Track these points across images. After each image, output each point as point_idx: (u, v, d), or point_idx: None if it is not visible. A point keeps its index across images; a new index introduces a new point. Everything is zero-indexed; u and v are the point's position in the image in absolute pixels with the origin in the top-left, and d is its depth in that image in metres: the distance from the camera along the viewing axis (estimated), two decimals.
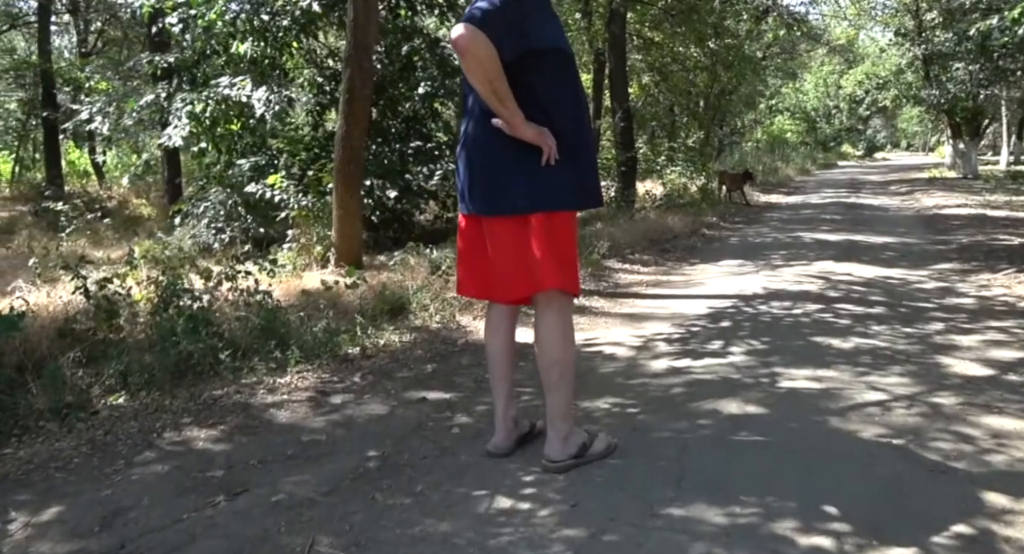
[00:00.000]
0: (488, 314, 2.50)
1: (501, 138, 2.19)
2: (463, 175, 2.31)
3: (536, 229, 2.21)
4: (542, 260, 2.21)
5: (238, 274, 4.21)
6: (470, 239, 2.39)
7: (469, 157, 2.28)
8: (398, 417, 2.91)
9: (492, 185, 2.23)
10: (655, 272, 6.38)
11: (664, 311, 4.70)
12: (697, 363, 3.49)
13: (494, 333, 2.47)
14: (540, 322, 2.32)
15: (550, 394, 2.33)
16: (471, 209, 2.32)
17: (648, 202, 11.52)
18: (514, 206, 2.21)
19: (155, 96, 7.42)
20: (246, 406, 3.06)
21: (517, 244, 2.24)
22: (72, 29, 19.66)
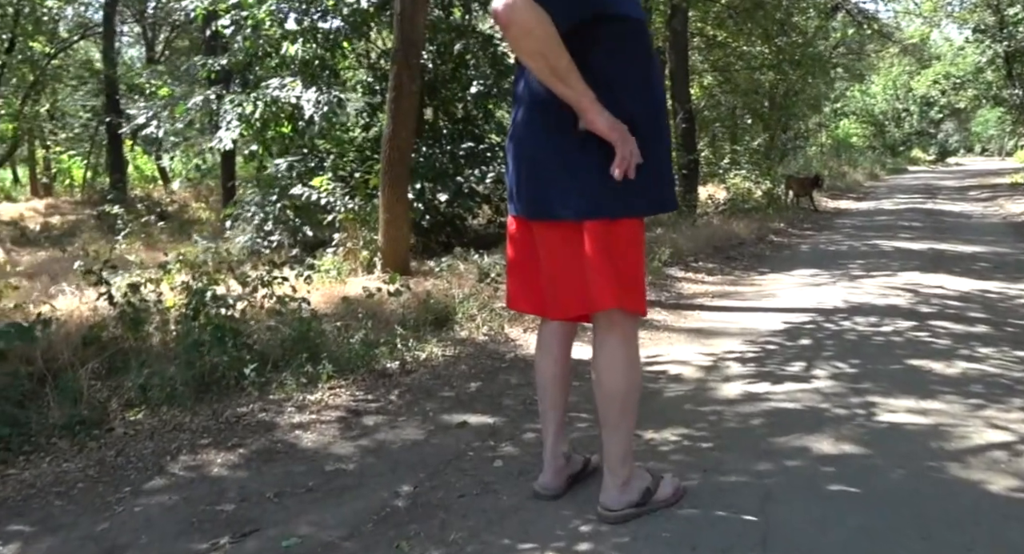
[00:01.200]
0: (540, 331, 2.15)
1: (555, 128, 1.83)
2: (511, 171, 1.97)
3: (592, 238, 1.84)
4: (599, 274, 1.84)
5: (274, 280, 3.96)
6: (521, 245, 2.04)
7: (517, 150, 1.93)
8: (435, 445, 2.58)
9: (539, 183, 1.88)
10: (721, 281, 5.92)
11: (734, 326, 4.27)
12: (777, 389, 3.06)
13: (546, 354, 2.12)
14: (600, 347, 1.95)
15: (608, 432, 1.96)
16: (519, 210, 1.98)
17: (710, 207, 11.00)
18: (563, 210, 1.84)
19: (204, 99, 7.33)
20: (270, 426, 2.78)
21: (571, 254, 1.88)
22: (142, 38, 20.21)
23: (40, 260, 8.22)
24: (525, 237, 2.01)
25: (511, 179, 1.97)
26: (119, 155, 14.90)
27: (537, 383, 2.14)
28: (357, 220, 6.21)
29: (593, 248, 1.84)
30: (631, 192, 1.83)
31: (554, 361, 2.10)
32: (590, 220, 1.83)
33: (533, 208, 1.91)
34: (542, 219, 1.90)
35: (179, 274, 4.20)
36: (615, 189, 1.82)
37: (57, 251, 8.29)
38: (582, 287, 1.88)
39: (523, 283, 2.06)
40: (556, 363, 2.10)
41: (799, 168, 18.09)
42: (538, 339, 2.14)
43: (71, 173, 22.75)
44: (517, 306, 2.12)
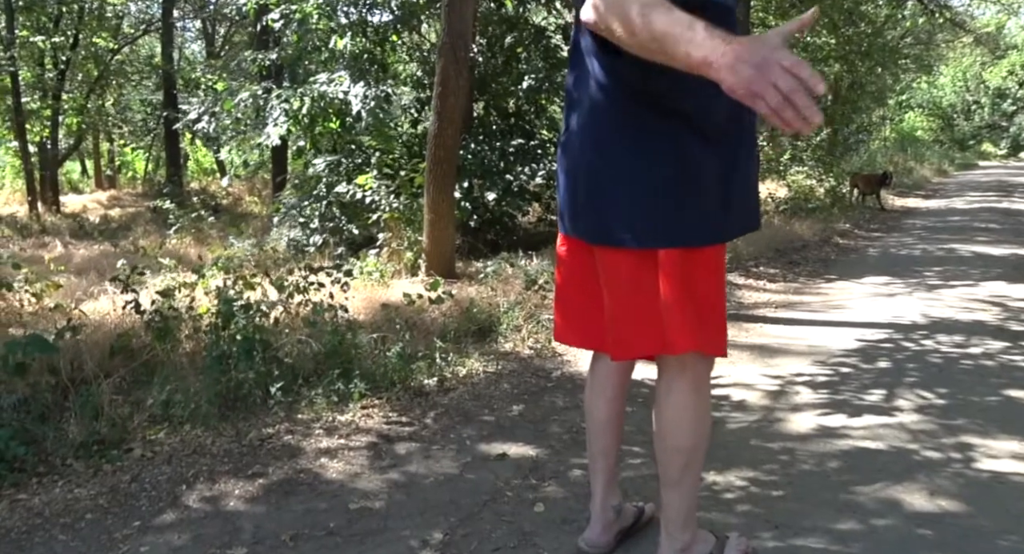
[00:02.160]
0: (593, 368, 1.87)
1: (622, 136, 1.54)
2: (564, 185, 1.69)
3: (668, 268, 1.55)
4: (675, 311, 1.56)
5: (311, 286, 3.78)
6: (573, 269, 1.77)
7: (572, 162, 1.64)
8: (470, 481, 2.34)
9: (601, 203, 1.58)
10: (784, 289, 5.54)
11: (800, 342, 3.92)
12: (855, 423, 2.72)
13: (598, 395, 1.85)
14: (666, 393, 1.67)
15: (668, 490, 1.68)
16: (573, 231, 1.70)
17: (770, 205, 10.51)
18: (630, 236, 1.56)
19: (250, 94, 7.25)
20: (295, 451, 2.59)
21: (641, 284, 1.59)
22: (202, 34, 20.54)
23: (93, 254, 8.29)
24: (579, 260, 1.73)
25: (564, 195, 1.69)
26: (176, 149, 15.12)
27: (588, 426, 1.88)
28: (402, 220, 6.02)
29: (669, 280, 1.56)
30: (709, 217, 1.56)
31: (607, 402, 1.84)
32: (666, 249, 1.55)
33: (594, 232, 1.62)
34: (605, 245, 1.61)
35: (215, 277, 4.07)
36: (690, 214, 1.54)
37: (110, 246, 8.36)
38: (654, 324, 1.59)
39: (575, 313, 1.78)
40: (610, 405, 1.84)
41: (862, 164, 17.29)
42: (590, 377, 1.87)
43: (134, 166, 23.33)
44: (566, 339, 1.84)
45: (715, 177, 1.55)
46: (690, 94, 1.46)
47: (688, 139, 1.51)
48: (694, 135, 1.51)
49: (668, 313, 1.56)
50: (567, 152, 1.66)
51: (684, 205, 1.53)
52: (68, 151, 17.83)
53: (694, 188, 1.54)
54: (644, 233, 1.54)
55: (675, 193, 1.52)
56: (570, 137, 1.65)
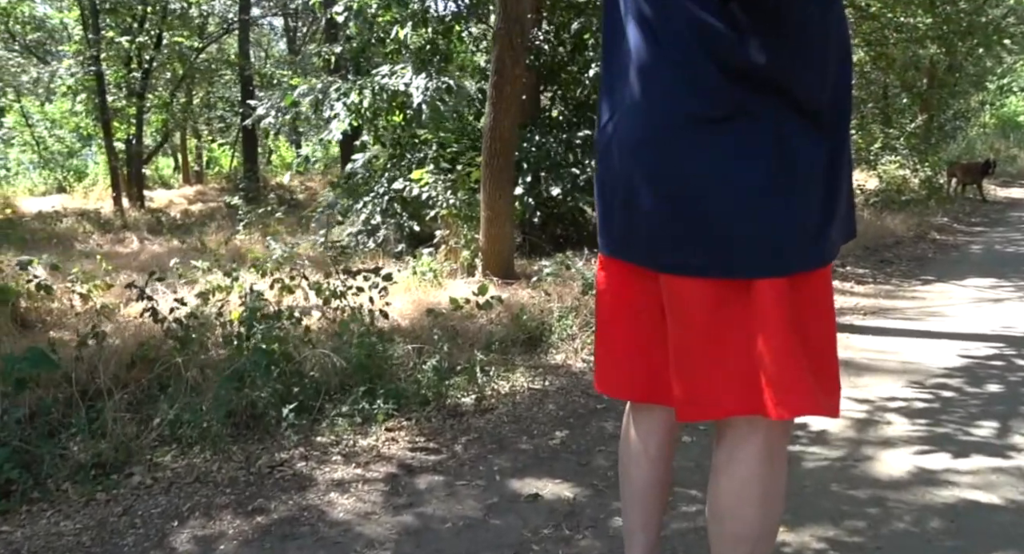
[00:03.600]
0: (633, 416, 1.50)
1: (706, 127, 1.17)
2: (608, 192, 1.33)
3: (770, 302, 1.19)
4: (783, 361, 1.19)
5: (348, 290, 3.55)
6: (621, 301, 1.38)
7: (626, 161, 1.26)
8: (493, 529, 2.03)
9: (675, 217, 1.21)
10: (874, 292, 4.98)
11: (892, 358, 3.42)
12: (961, 466, 2.26)
13: (639, 454, 1.47)
14: (726, 463, 1.30)
15: None
16: (626, 254, 1.33)
17: (859, 198, 9.74)
18: (720, 262, 1.20)
19: (308, 88, 7.13)
20: (306, 482, 2.34)
21: (728, 326, 1.22)
22: None
23: (161, 251, 8.40)
24: (631, 289, 1.36)
25: (609, 206, 1.33)
26: (252, 144, 15.39)
27: (622, 492, 1.52)
28: (459, 217, 5.76)
29: (773, 320, 1.19)
30: (824, 224, 1.22)
31: (651, 463, 1.47)
32: (775, 277, 1.19)
33: (662, 256, 1.25)
34: (679, 274, 1.24)
35: (256, 280, 3.89)
36: (806, 222, 1.20)
37: (178, 242, 8.45)
38: (745, 378, 1.22)
39: (623, 356, 1.40)
40: (654, 466, 1.47)
41: (960, 152, 16.02)
42: (627, 426, 1.51)
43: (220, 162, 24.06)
44: (612, 388, 1.45)
45: (822, 177, 1.21)
46: (798, 66, 1.16)
47: (793, 127, 1.17)
48: (800, 121, 1.17)
49: (773, 365, 1.20)
50: (614, 148, 1.30)
51: (793, 216, 1.18)
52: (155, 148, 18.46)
53: (802, 192, 1.19)
54: (740, 257, 1.18)
55: (781, 201, 1.17)
56: (618, 129, 1.29)
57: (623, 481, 1.51)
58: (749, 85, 1.15)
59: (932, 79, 14.86)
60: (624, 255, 1.34)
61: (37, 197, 16.13)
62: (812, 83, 1.18)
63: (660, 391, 1.37)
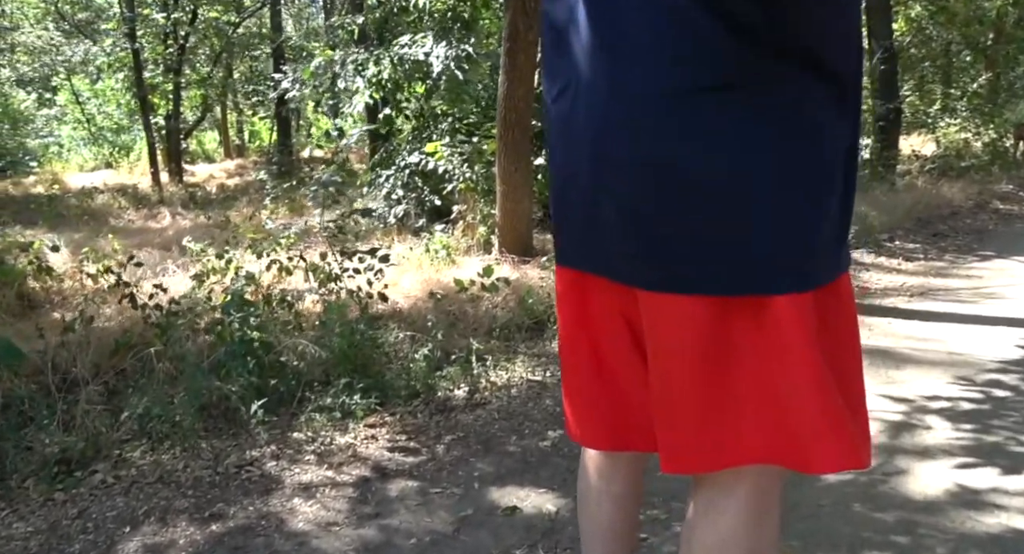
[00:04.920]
0: (595, 463, 1.22)
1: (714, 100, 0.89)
2: (570, 186, 1.04)
3: (789, 321, 0.92)
4: (808, 397, 0.94)
5: (344, 272, 3.35)
6: (588, 324, 1.10)
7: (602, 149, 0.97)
8: (460, 547, 1.81)
9: (669, 219, 0.93)
10: (924, 270, 4.57)
11: (939, 347, 3.07)
12: (1013, 484, 1.94)
13: (601, 490, 1.22)
14: (703, 514, 1.04)
15: None
16: (595, 266, 1.05)
17: (915, 165, 9.13)
18: (728, 274, 0.93)
19: (324, 60, 6.91)
20: (272, 485, 2.15)
21: (735, 356, 0.95)
22: None
23: (192, 226, 8.36)
24: (597, 311, 1.08)
25: (570, 203, 1.05)
26: (285, 118, 15.31)
27: (582, 536, 1.26)
28: (475, 191, 5.50)
29: (803, 343, 0.92)
30: (847, 224, 1.01)
31: (614, 502, 1.21)
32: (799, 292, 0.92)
33: (652, 268, 0.96)
34: (676, 291, 0.95)
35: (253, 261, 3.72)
36: (833, 223, 0.97)
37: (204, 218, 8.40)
38: (761, 419, 0.96)
39: (595, 395, 1.12)
40: (618, 506, 1.22)
41: None
42: (586, 459, 1.25)
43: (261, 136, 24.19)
44: (585, 437, 1.17)
45: (843, 163, 0.96)
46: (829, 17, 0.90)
47: (819, 98, 0.91)
48: (828, 91, 0.92)
49: (803, 404, 0.94)
50: (572, 129, 1.01)
51: (817, 211, 0.93)
52: (195, 123, 18.57)
53: (828, 181, 0.94)
54: (753, 266, 0.92)
55: (803, 193, 0.91)
56: (577, 103, 1.00)
57: (582, 522, 1.27)
58: (763, 43, 0.86)
59: (999, 34, 13.84)
60: (588, 265, 1.05)
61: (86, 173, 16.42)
62: (843, 41, 0.92)
63: (638, 437, 1.10)
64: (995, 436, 2.20)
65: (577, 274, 1.08)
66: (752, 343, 0.94)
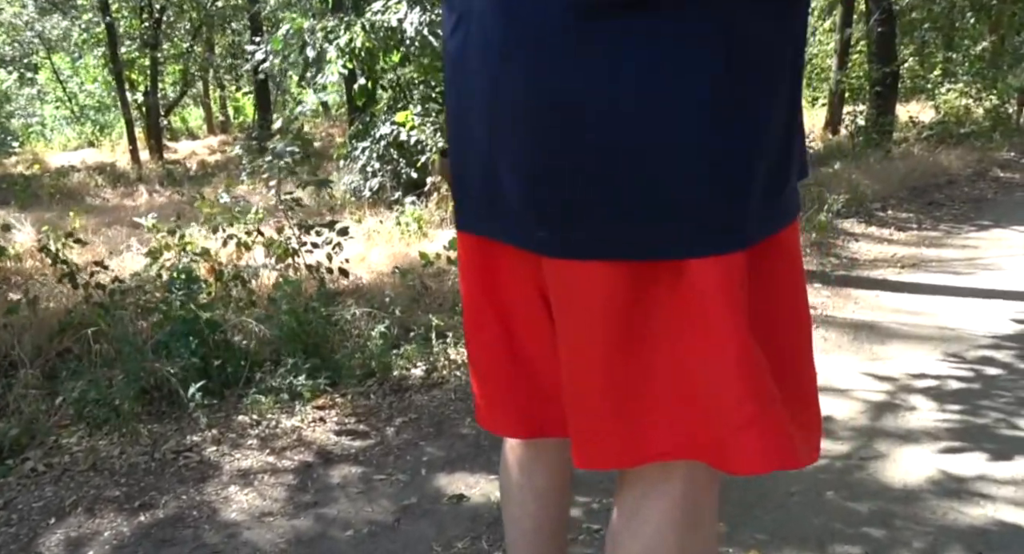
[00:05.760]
0: (516, 454, 1.07)
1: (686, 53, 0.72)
2: (466, 136, 0.87)
3: (722, 288, 0.76)
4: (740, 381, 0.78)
5: (302, 247, 3.18)
6: (491, 296, 0.93)
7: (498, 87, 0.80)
8: (399, 540, 1.67)
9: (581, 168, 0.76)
10: (917, 241, 4.40)
11: (929, 322, 2.91)
12: (1001, 471, 1.78)
13: (524, 485, 1.06)
14: (628, 519, 0.88)
15: None
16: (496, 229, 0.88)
17: (912, 132, 8.91)
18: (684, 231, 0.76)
19: (291, 29, 6.65)
20: (209, 472, 2.01)
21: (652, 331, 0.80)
22: None
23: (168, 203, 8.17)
24: (500, 281, 0.91)
25: (467, 156, 0.88)
26: (265, 92, 15.00)
27: (506, 537, 1.12)
28: None
29: (729, 315, 0.77)
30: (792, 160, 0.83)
31: (538, 499, 1.06)
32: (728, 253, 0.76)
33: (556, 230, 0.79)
34: (583, 257, 0.78)
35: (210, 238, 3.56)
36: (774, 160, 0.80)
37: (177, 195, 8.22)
38: (677, 407, 0.81)
39: (506, 377, 0.95)
40: (542, 503, 1.06)
41: None
42: (507, 452, 1.09)
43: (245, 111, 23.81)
44: (495, 424, 1.00)
45: (788, 84, 0.80)
46: None
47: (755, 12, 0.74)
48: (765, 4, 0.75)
49: (725, 390, 0.78)
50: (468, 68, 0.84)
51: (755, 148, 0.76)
52: (175, 99, 18.22)
53: (765, 108, 0.77)
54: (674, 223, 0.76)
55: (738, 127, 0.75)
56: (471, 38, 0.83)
57: (505, 522, 1.11)
58: None
59: None
60: (488, 230, 0.89)
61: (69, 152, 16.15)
62: None
63: (559, 423, 0.94)
64: (984, 418, 2.05)
65: (480, 240, 0.91)
66: (667, 317, 0.78)
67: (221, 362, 2.44)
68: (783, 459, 0.80)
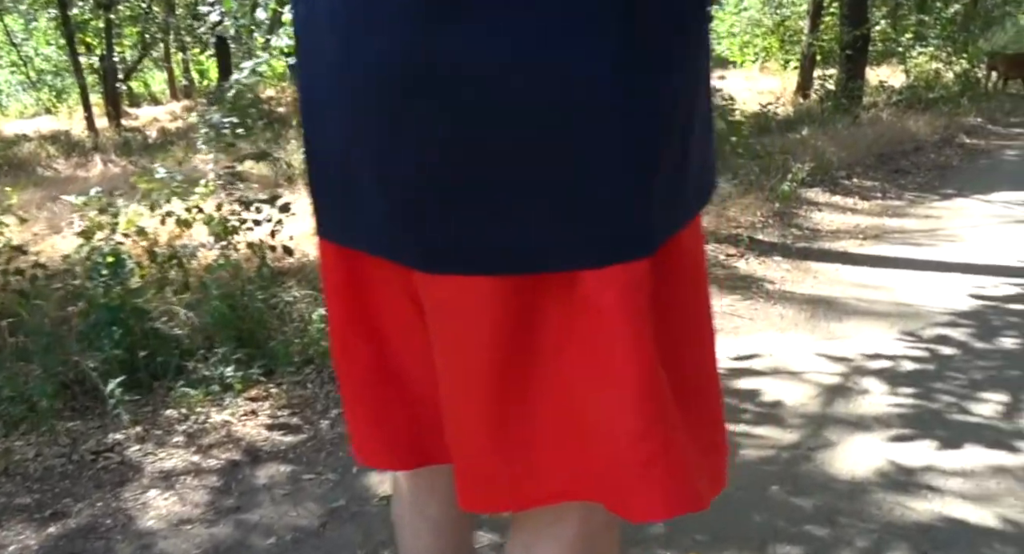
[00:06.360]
0: (408, 482, 0.96)
1: None
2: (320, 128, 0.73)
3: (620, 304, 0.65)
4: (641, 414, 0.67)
5: (242, 225, 3.03)
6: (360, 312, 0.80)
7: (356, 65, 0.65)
8: (323, 546, 1.58)
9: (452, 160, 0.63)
10: (881, 210, 4.35)
11: (887, 298, 2.86)
12: (950, 461, 1.73)
13: (417, 516, 0.96)
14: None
15: None
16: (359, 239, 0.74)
17: (882, 96, 8.85)
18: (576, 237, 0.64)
19: None
20: (130, 474, 1.90)
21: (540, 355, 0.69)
22: None
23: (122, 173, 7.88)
24: (370, 296, 0.79)
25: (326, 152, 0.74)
26: (225, 55, 14.51)
27: None
28: None
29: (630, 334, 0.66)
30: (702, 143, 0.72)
31: (433, 530, 0.95)
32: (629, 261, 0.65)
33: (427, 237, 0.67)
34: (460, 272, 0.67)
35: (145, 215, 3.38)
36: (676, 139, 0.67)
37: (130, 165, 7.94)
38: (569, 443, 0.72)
39: (384, 402, 0.83)
40: (438, 534, 0.95)
41: (1007, 41, 14.66)
42: (399, 482, 0.98)
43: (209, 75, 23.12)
44: (373, 457, 0.89)
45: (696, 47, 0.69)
46: None
47: None
48: None
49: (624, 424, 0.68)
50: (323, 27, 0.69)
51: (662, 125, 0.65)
52: (135, 63, 17.61)
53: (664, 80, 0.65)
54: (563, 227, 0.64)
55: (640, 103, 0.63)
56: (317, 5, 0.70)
57: (400, 552, 1.02)
58: None
59: None
60: (349, 237, 0.76)
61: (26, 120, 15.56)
62: None
63: (441, 450, 0.84)
64: (936, 403, 1.99)
65: (347, 252, 0.79)
66: (558, 340, 0.68)
67: (149, 353, 2.31)
68: (687, 502, 0.70)
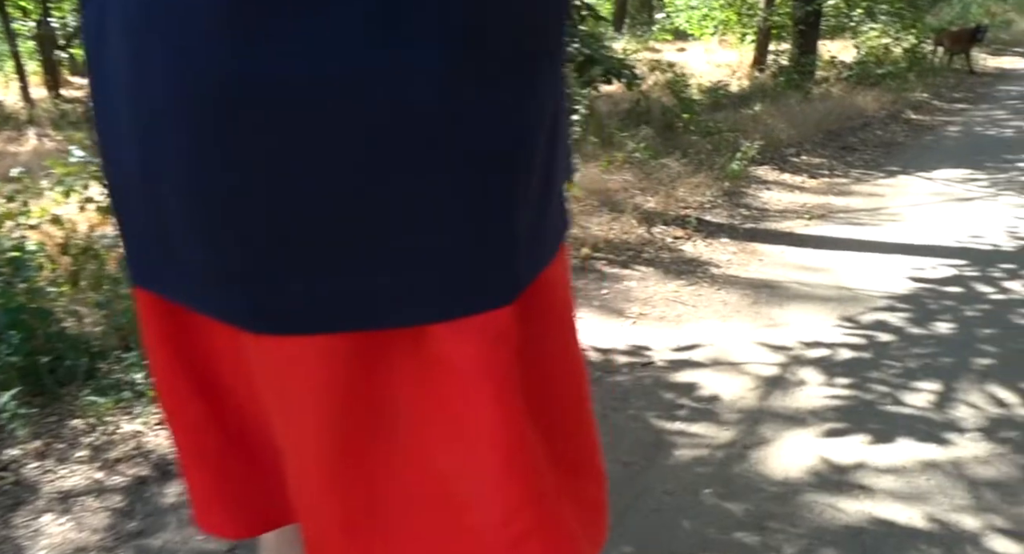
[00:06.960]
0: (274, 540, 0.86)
1: None
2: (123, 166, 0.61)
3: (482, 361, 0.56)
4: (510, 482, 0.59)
5: None
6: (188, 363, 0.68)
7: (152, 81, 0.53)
8: None
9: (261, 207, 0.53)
10: (827, 188, 4.34)
11: (828, 280, 2.83)
12: (882, 456, 1.70)
13: None
14: None
15: None
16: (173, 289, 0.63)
17: (833, 72, 8.87)
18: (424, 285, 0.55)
19: None
20: (25, 495, 1.76)
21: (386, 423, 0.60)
22: None
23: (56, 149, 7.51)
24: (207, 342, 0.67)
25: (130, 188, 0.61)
26: None
27: None
28: None
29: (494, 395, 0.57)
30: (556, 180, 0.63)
31: None
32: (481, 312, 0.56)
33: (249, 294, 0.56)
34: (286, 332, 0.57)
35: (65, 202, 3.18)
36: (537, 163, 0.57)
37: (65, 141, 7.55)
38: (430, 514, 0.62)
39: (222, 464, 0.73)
40: None
41: (954, 17, 14.86)
42: (263, 542, 0.88)
43: None
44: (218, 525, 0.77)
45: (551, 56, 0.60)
46: None
47: None
48: None
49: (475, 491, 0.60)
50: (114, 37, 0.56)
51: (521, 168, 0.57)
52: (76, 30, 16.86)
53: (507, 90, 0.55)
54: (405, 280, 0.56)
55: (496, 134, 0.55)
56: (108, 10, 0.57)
57: None
58: None
59: None
60: (164, 288, 0.65)
61: None
62: None
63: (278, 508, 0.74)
64: (870, 393, 1.96)
65: (164, 302, 0.67)
66: (409, 405, 0.59)
67: (55, 357, 2.16)
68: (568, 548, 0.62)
